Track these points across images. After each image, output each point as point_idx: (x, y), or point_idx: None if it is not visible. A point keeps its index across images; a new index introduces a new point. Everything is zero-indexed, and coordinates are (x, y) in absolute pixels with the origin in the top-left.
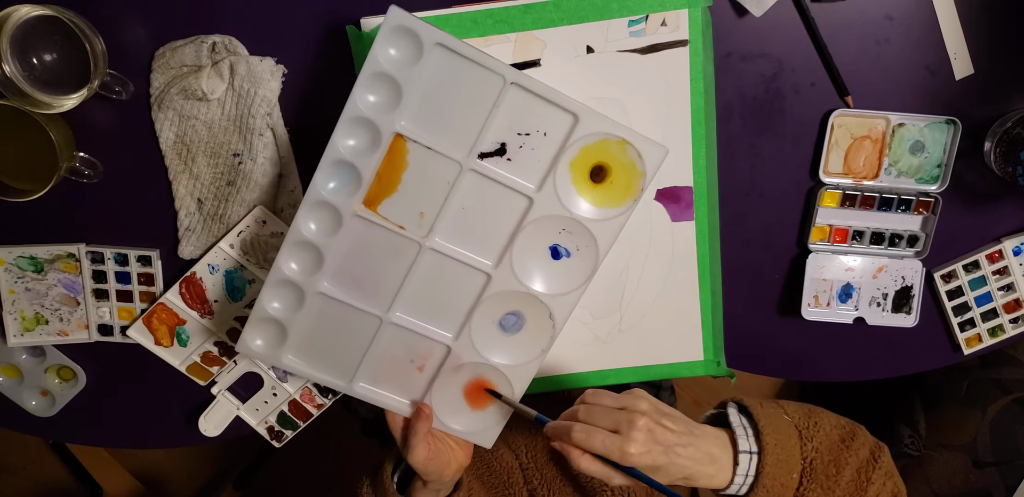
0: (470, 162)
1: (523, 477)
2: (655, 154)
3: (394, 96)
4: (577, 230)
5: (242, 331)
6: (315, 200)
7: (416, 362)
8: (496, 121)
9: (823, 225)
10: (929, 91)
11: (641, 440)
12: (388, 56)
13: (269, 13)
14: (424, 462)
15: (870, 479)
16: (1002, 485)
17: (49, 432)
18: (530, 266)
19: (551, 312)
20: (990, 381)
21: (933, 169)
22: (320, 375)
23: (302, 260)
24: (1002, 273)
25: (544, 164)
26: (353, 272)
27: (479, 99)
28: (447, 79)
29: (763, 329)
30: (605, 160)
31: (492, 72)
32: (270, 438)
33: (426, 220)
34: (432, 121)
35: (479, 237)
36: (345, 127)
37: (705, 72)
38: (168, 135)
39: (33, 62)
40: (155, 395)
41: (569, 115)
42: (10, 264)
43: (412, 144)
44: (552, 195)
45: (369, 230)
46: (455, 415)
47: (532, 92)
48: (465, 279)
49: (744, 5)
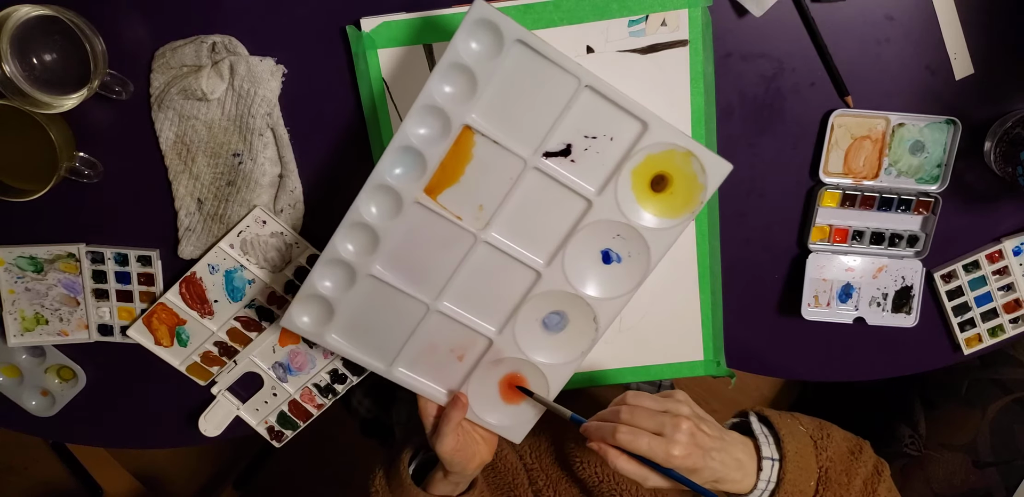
0: (534, 160)
1: (528, 478)
2: (719, 169)
3: (469, 88)
4: (631, 237)
5: (289, 306)
6: (379, 183)
7: (456, 352)
8: (565, 122)
9: (823, 225)
10: (929, 91)
11: (684, 443)
12: (469, 49)
13: (269, 13)
14: (451, 452)
15: (876, 491)
16: (1002, 485)
17: (49, 432)
18: (580, 268)
19: (596, 315)
20: (990, 381)
21: (933, 169)
22: (362, 356)
23: (358, 241)
24: (1002, 273)
25: (607, 168)
26: (406, 258)
27: (551, 99)
28: (523, 76)
29: (763, 329)
30: (668, 170)
31: (568, 73)
32: (270, 438)
33: (484, 213)
34: (502, 116)
35: (534, 235)
36: (417, 114)
37: (705, 72)
38: (168, 135)
39: (33, 62)
40: (155, 395)
41: (638, 122)
42: (10, 264)
43: (480, 137)
44: (612, 200)
45: (427, 218)
46: (488, 408)
47: (605, 96)
48: (515, 275)
49: (744, 5)
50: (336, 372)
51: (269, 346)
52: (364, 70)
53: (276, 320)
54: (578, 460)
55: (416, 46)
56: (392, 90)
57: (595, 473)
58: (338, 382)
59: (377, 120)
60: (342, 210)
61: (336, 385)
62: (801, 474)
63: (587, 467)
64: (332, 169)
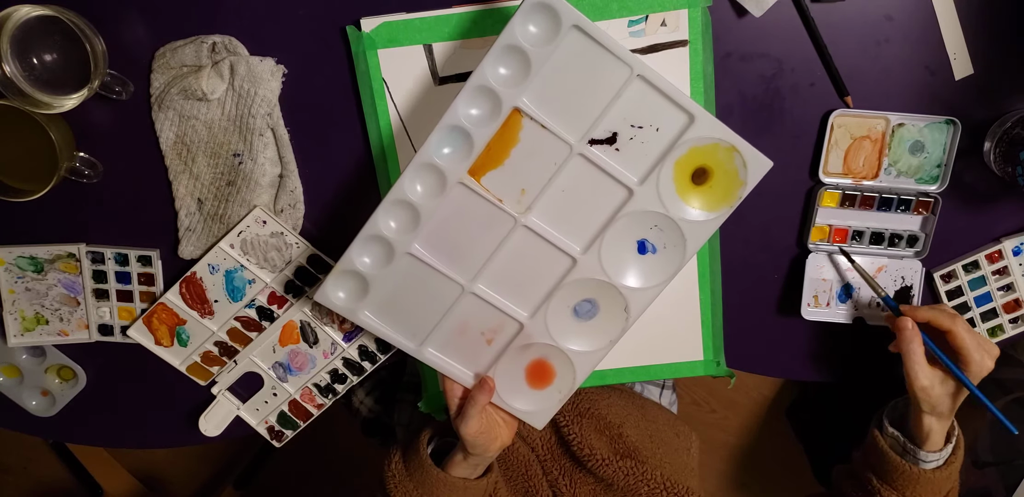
0: (580, 147)
1: (542, 469)
2: (760, 166)
3: (522, 71)
4: (669, 228)
5: (324, 281)
6: (425, 162)
7: (486, 335)
8: (613, 110)
9: (823, 225)
10: (929, 91)
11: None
12: (526, 31)
13: (269, 13)
14: (475, 434)
15: None
16: (1002, 485)
17: (49, 432)
18: (616, 257)
19: (627, 305)
20: (990, 381)
21: (933, 169)
22: (393, 335)
23: (400, 219)
24: (1002, 273)
25: (651, 159)
26: (445, 238)
27: (602, 86)
28: (576, 62)
29: (763, 329)
30: (710, 164)
31: (621, 61)
32: (270, 438)
33: (526, 197)
34: (552, 101)
35: (573, 221)
36: (469, 94)
37: (705, 72)
38: (168, 135)
39: (33, 62)
40: (155, 395)
41: (685, 115)
42: (10, 264)
43: (528, 120)
44: (653, 190)
45: (469, 199)
46: (513, 393)
47: (655, 87)
48: (551, 260)
49: (744, 5)
50: (336, 372)
51: (269, 346)
52: (364, 70)
53: (277, 319)
54: (594, 459)
55: (416, 46)
56: (392, 90)
57: (618, 469)
58: (338, 382)
59: (377, 120)
60: (342, 210)
61: (336, 385)
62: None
63: (607, 465)
64: (332, 169)
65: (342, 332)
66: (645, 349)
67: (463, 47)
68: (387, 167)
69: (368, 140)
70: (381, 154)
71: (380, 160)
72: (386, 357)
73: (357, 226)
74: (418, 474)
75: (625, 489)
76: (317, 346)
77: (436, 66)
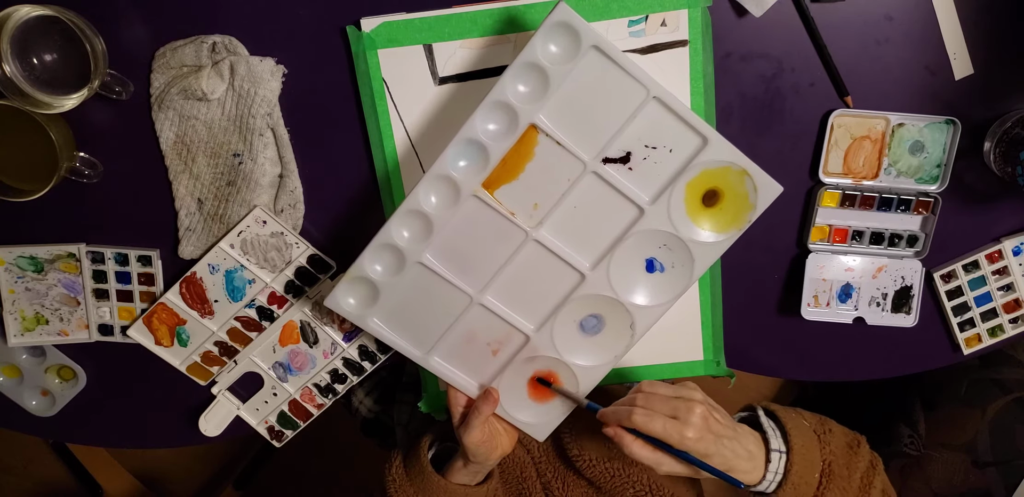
0: (594, 164)
1: (536, 471)
2: (770, 191)
3: (541, 88)
4: (677, 248)
5: (335, 287)
6: (441, 174)
7: (492, 346)
8: (628, 130)
9: (823, 225)
10: (929, 91)
11: (698, 426)
12: (547, 50)
13: (269, 13)
14: (477, 444)
15: (872, 483)
16: (1002, 485)
17: (49, 432)
18: (624, 274)
19: (633, 322)
20: (990, 381)
21: (933, 169)
22: (401, 342)
23: (413, 228)
24: (1002, 273)
25: (663, 179)
26: (456, 249)
27: (618, 106)
28: (593, 82)
29: (763, 329)
30: (721, 186)
31: (638, 83)
32: (270, 438)
33: (538, 212)
34: (568, 119)
35: (583, 238)
36: (487, 109)
37: (705, 72)
38: (168, 135)
39: (33, 62)
40: (155, 395)
41: (699, 137)
42: (10, 264)
43: (543, 137)
44: (663, 210)
45: (482, 211)
46: (517, 405)
47: (670, 109)
48: (560, 275)
49: (744, 5)
50: (336, 372)
51: (269, 346)
52: (364, 70)
53: (277, 319)
54: (582, 460)
55: (416, 46)
56: (392, 90)
57: (604, 471)
58: (338, 382)
59: (377, 120)
60: (343, 210)
61: (336, 385)
62: (807, 466)
63: (594, 466)
64: (332, 169)
65: (342, 332)
66: (645, 349)
67: (463, 47)
68: (387, 167)
69: (368, 140)
70: (381, 154)
71: (380, 160)
72: (386, 357)
73: (357, 226)
74: (418, 479)
75: (611, 491)
76: (317, 346)
77: (436, 66)
